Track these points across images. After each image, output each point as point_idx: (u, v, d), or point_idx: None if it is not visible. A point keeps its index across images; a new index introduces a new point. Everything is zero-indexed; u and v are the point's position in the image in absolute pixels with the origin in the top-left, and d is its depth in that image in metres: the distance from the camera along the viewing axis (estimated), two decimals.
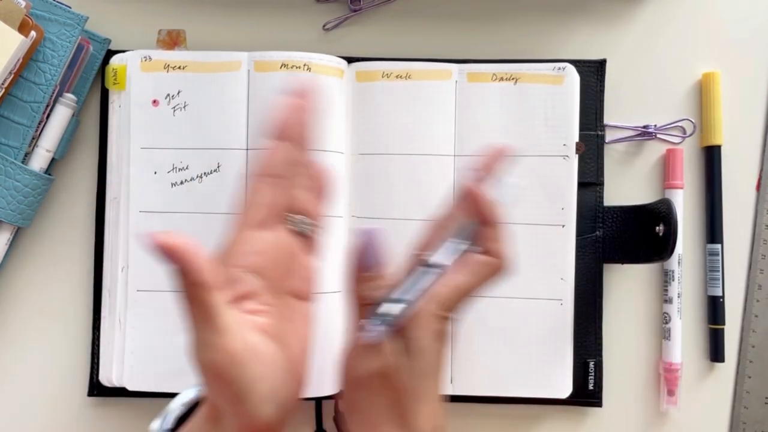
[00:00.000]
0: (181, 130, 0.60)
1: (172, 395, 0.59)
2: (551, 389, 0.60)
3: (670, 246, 0.57)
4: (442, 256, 0.46)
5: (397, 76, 0.61)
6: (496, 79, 0.61)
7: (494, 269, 0.47)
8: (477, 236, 0.47)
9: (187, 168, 0.59)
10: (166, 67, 0.60)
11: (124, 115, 0.60)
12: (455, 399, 0.61)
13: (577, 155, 0.60)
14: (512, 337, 0.60)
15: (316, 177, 0.45)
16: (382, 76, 0.61)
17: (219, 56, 0.60)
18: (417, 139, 0.60)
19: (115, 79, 0.60)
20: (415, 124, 0.60)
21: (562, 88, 0.60)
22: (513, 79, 0.61)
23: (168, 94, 0.60)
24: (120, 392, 0.59)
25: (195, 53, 0.61)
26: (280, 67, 0.60)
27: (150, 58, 0.60)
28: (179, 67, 0.60)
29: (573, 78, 0.60)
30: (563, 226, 0.60)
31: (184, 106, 0.60)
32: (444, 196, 0.60)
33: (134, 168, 0.59)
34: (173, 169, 0.60)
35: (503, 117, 0.60)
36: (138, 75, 0.60)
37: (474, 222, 0.47)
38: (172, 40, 0.61)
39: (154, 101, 0.60)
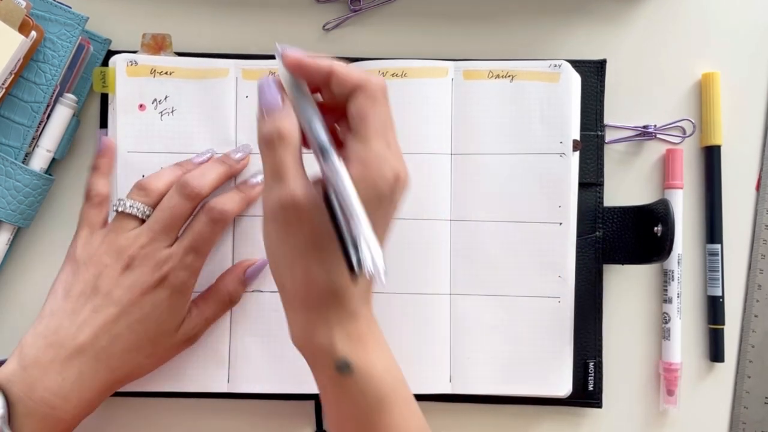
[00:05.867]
0: (169, 135, 0.60)
1: (165, 395, 0.60)
2: (550, 387, 0.60)
3: (668, 246, 0.57)
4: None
5: (392, 75, 0.60)
6: (492, 77, 0.61)
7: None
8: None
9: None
10: (153, 72, 0.60)
11: (111, 118, 0.61)
12: (454, 399, 0.61)
13: (576, 153, 0.60)
14: (510, 335, 0.60)
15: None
16: (378, 75, 0.60)
17: (206, 63, 0.61)
18: (413, 137, 0.60)
19: (104, 83, 0.60)
20: (411, 123, 0.60)
21: (558, 86, 0.60)
22: (509, 76, 0.61)
23: (155, 99, 0.60)
24: (119, 392, 0.59)
25: (182, 59, 0.61)
26: (269, 75, 0.60)
27: (136, 63, 0.60)
28: (166, 73, 0.60)
29: (569, 75, 0.60)
30: (560, 223, 0.60)
31: (172, 111, 0.60)
32: (441, 194, 0.60)
33: (121, 172, 0.60)
34: None
35: (499, 114, 0.60)
36: (124, 79, 0.60)
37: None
38: (157, 44, 0.61)
39: (141, 106, 0.60)
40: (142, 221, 0.55)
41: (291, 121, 0.45)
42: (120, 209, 0.55)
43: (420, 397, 0.60)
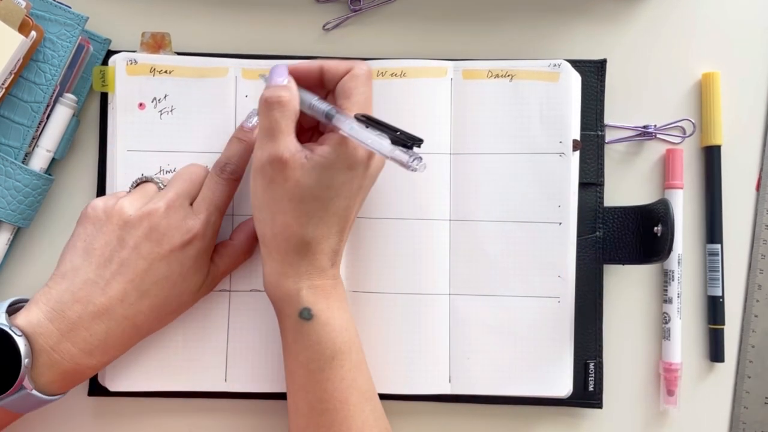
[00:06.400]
0: (168, 134, 0.61)
1: (163, 394, 0.60)
2: (550, 387, 0.60)
3: (668, 247, 0.57)
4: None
5: (392, 75, 0.61)
6: (491, 76, 0.61)
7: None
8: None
9: (174, 171, 0.60)
10: (152, 70, 0.61)
11: (111, 117, 0.61)
12: (454, 399, 0.61)
13: (576, 153, 0.60)
14: (510, 335, 0.60)
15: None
16: (377, 75, 0.60)
17: (206, 62, 0.61)
18: None
19: (104, 82, 0.60)
20: (410, 123, 0.60)
21: (558, 85, 0.60)
22: (508, 76, 0.61)
23: (155, 98, 0.61)
24: (120, 392, 0.60)
25: (181, 58, 0.61)
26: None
27: (136, 62, 0.60)
28: (165, 71, 0.61)
29: (569, 75, 0.60)
30: (560, 223, 0.60)
31: (171, 110, 0.61)
32: (440, 194, 0.60)
33: (121, 170, 0.60)
34: (160, 172, 0.60)
35: (499, 114, 0.60)
36: (124, 78, 0.60)
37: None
38: (157, 43, 0.61)
39: (141, 104, 0.60)
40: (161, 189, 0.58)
41: (291, 94, 0.53)
42: (140, 181, 0.59)
43: (419, 398, 0.60)
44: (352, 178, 0.52)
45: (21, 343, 0.50)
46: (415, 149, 0.48)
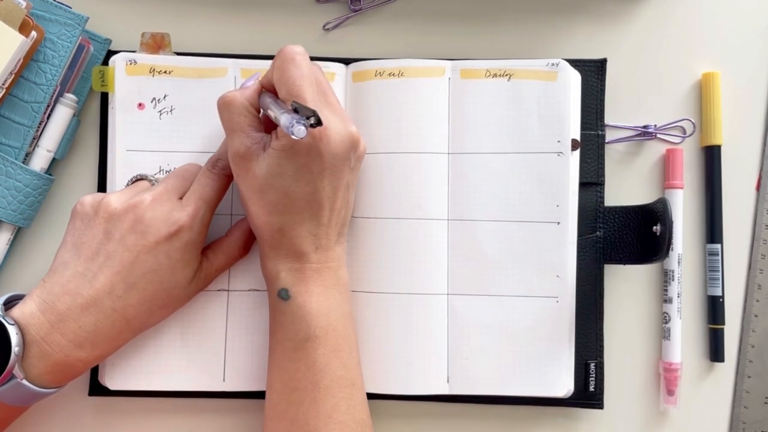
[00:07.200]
0: (167, 134, 0.61)
1: (161, 394, 0.60)
2: (549, 388, 0.60)
3: (666, 246, 0.57)
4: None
5: (390, 74, 0.61)
6: (489, 76, 0.61)
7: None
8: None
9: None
10: (152, 71, 0.61)
11: (111, 117, 0.61)
12: (453, 399, 0.61)
13: (575, 153, 0.60)
14: (508, 335, 0.60)
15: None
16: (375, 75, 0.61)
17: (205, 62, 0.61)
18: (411, 137, 0.60)
19: (103, 81, 0.61)
20: (408, 122, 0.60)
21: (556, 84, 0.60)
22: (506, 75, 0.61)
23: (154, 98, 0.61)
24: (121, 392, 0.60)
25: (181, 58, 0.61)
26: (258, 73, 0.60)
27: (135, 62, 0.61)
28: (165, 72, 0.61)
29: (567, 74, 0.60)
30: (558, 223, 0.60)
31: (171, 110, 0.61)
32: (438, 194, 0.60)
33: (120, 170, 0.60)
34: (160, 172, 0.60)
35: (497, 113, 0.60)
36: (123, 78, 0.61)
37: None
38: (156, 43, 0.61)
39: (140, 105, 0.61)
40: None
41: (240, 93, 0.55)
42: (135, 178, 0.60)
43: (418, 398, 0.60)
44: (305, 164, 0.52)
45: (12, 331, 0.51)
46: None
